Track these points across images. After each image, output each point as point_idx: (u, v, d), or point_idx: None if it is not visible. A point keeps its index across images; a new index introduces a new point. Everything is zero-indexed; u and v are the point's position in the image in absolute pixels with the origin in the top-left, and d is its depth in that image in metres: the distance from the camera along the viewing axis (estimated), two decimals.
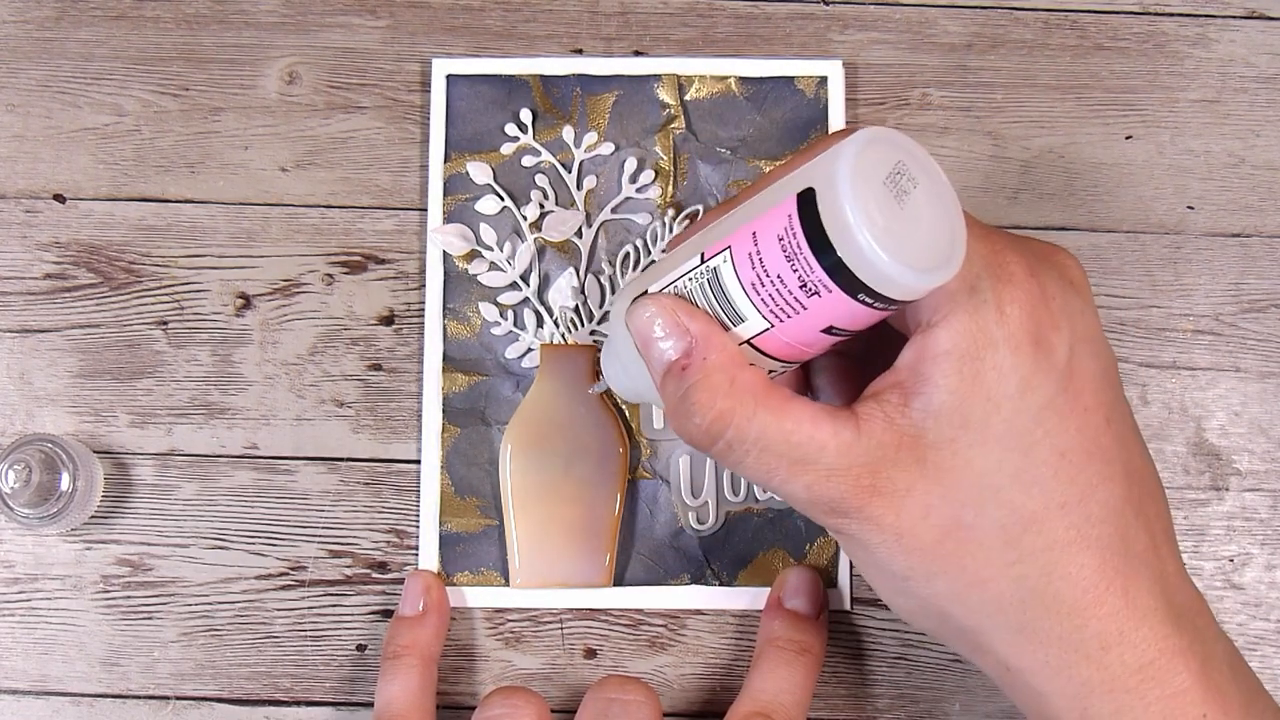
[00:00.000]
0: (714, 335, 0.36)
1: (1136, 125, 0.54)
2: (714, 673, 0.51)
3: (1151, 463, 0.38)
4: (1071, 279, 0.37)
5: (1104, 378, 0.37)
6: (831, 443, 0.35)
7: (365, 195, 0.53)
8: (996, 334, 0.34)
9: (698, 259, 0.36)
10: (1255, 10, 0.54)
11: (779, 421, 0.35)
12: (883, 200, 0.33)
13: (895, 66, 0.54)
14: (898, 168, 0.33)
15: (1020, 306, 0.35)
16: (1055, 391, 0.35)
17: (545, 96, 0.53)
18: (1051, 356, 0.35)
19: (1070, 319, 0.36)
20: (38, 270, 0.52)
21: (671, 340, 0.36)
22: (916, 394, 0.35)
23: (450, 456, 0.51)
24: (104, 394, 0.51)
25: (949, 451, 0.35)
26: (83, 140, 0.53)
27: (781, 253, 0.34)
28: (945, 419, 0.35)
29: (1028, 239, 0.38)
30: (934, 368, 0.35)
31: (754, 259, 0.34)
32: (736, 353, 0.36)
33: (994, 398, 0.35)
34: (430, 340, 0.51)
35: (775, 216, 0.34)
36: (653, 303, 0.37)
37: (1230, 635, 0.51)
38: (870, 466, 0.35)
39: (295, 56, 0.53)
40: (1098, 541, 0.35)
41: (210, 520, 0.51)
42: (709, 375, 0.36)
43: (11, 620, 0.50)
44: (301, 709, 0.50)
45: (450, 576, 0.50)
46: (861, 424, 0.35)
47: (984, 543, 0.35)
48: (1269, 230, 0.53)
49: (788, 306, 0.34)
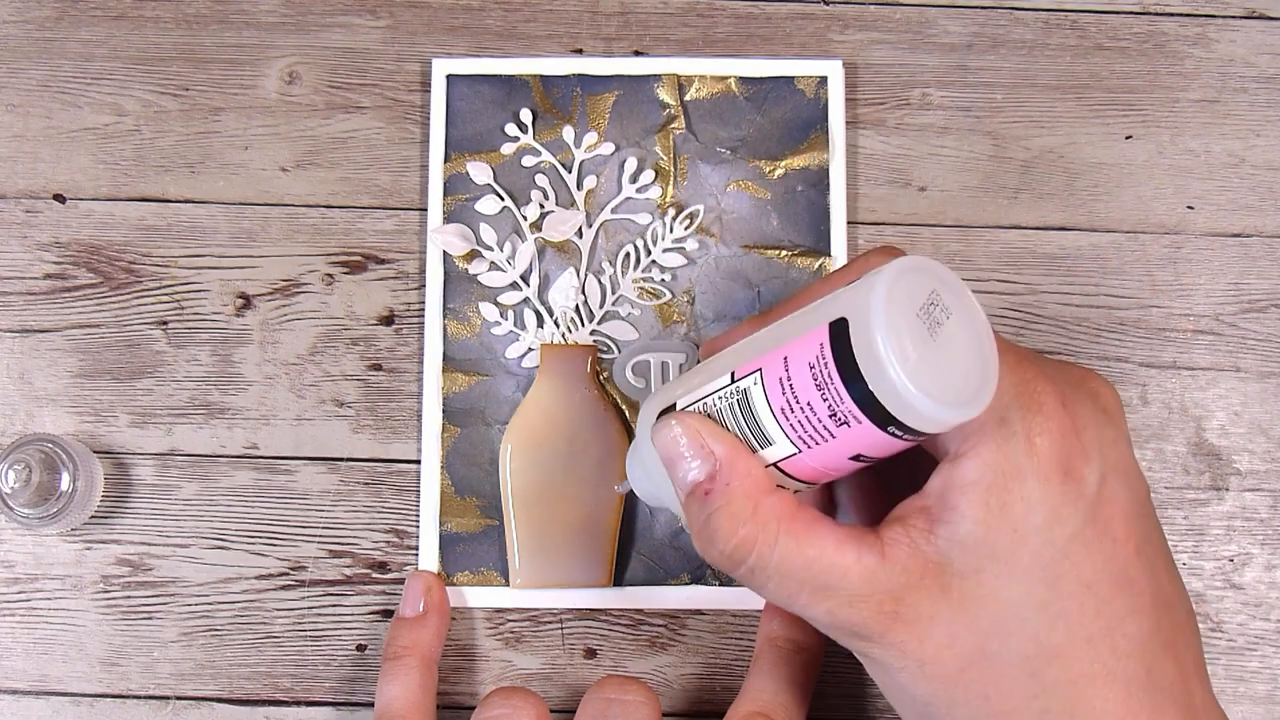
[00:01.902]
0: (739, 460, 0.36)
1: (1136, 125, 0.54)
2: (714, 673, 0.50)
3: (1183, 590, 0.38)
4: (1105, 406, 0.37)
5: (1136, 508, 0.36)
6: (855, 569, 0.35)
7: (365, 195, 0.53)
8: (1025, 466, 0.34)
9: (728, 378, 0.36)
10: (1255, 10, 0.54)
11: (801, 549, 0.35)
12: (916, 332, 0.32)
13: (895, 66, 0.54)
14: (931, 298, 0.33)
15: (1050, 438, 0.34)
16: (1084, 523, 0.35)
17: (545, 96, 0.53)
18: (1081, 488, 0.35)
19: (1102, 450, 0.35)
20: (38, 270, 0.52)
21: (696, 462, 0.36)
22: (943, 522, 0.35)
23: (450, 456, 0.51)
24: (104, 394, 0.51)
25: (974, 582, 0.35)
26: (83, 140, 0.53)
27: (812, 381, 0.33)
28: (971, 549, 0.35)
29: (1062, 364, 0.38)
30: (961, 498, 0.35)
31: (785, 384, 0.34)
32: (761, 477, 0.36)
33: (1021, 530, 0.34)
34: (430, 340, 0.51)
35: (808, 343, 0.34)
36: (679, 422, 0.37)
37: (1230, 635, 0.51)
38: (894, 593, 0.35)
39: (295, 56, 0.53)
40: (1123, 676, 0.35)
41: (210, 520, 0.51)
42: (731, 501, 0.35)
43: (11, 620, 0.50)
44: (301, 709, 0.50)
45: (450, 576, 0.50)
46: (887, 550, 0.35)
47: (1007, 674, 0.35)
48: (1269, 230, 0.53)
49: (816, 434, 0.34)
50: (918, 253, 0.52)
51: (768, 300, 0.52)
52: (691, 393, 0.38)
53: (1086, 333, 0.52)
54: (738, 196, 0.52)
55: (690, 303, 0.52)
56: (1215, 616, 0.51)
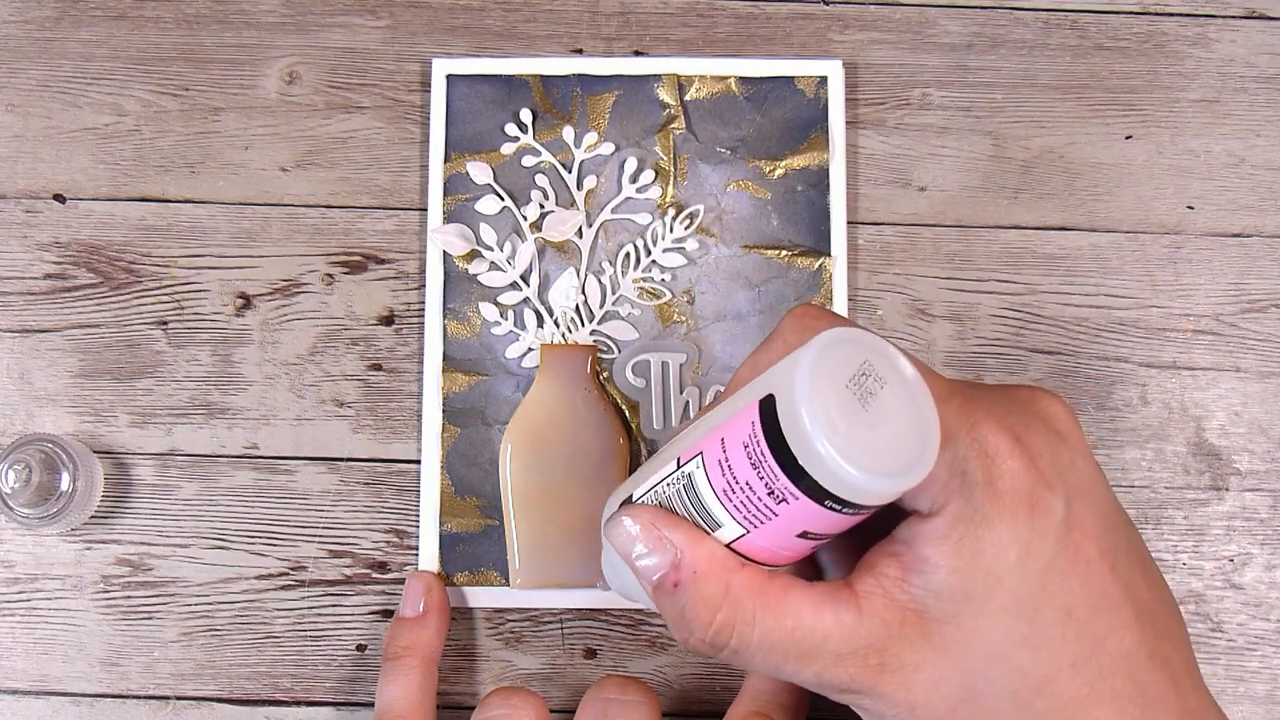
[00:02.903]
0: (699, 545, 0.35)
1: (1136, 125, 0.54)
2: (714, 673, 0.50)
3: (1165, 594, 0.38)
4: (1058, 429, 0.37)
5: (1103, 524, 0.36)
6: (835, 630, 0.35)
7: (365, 195, 0.53)
8: (990, 512, 0.34)
9: (674, 464, 0.36)
10: (1255, 10, 0.54)
11: (780, 621, 0.35)
12: (844, 404, 0.32)
13: (895, 66, 0.54)
14: (863, 368, 0.33)
15: (1010, 478, 0.34)
16: (1055, 551, 0.35)
17: (545, 96, 0.53)
18: (1049, 517, 0.35)
19: (1061, 474, 0.35)
20: (38, 270, 0.52)
21: (655, 556, 0.36)
22: (916, 571, 0.35)
23: (450, 456, 0.51)
24: (104, 394, 0.51)
25: (953, 625, 0.35)
26: (83, 140, 0.53)
27: (748, 460, 0.33)
28: (948, 596, 0.35)
29: (1007, 390, 0.37)
30: (932, 550, 0.35)
31: (723, 466, 0.34)
32: (725, 556, 0.36)
33: (995, 571, 0.34)
34: (430, 340, 0.51)
35: (740, 423, 0.33)
36: (631, 516, 0.36)
37: (1230, 635, 0.51)
38: (876, 647, 0.35)
39: (295, 56, 0.53)
40: (1111, 693, 0.35)
41: (210, 520, 0.51)
42: (701, 589, 0.35)
43: (11, 620, 0.50)
44: (301, 709, 0.50)
45: (450, 576, 0.50)
46: (863, 603, 0.35)
47: (997, 709, 0.35)
48: (1269, 230, 0.53)
49: (759, 514, 0.34)
50: (915, 257, 0.52)
51: (768, 300, 0.52)
52: (644, 484, 0.37)
53: (1086, 333, 0.52)
54: (738, 196, 0.52)
55: (690, 303, 0.52)
56: (1215, 616, 0.51)
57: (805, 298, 0.52)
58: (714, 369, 0.51)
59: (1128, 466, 0.52)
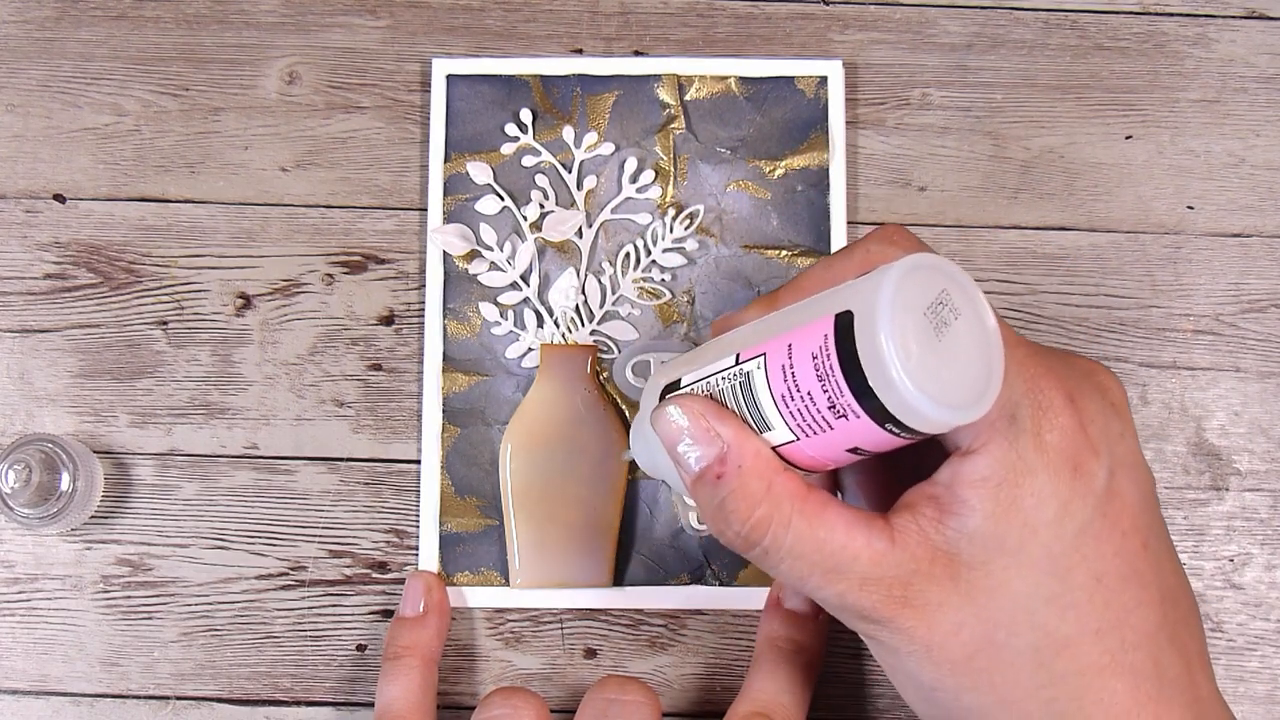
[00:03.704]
0: (747, 441, 0.35)
1: (1136, 125, 0.54)
2: (714, 673, 0.50)
3: (1187, 584, 0.38)
4: (1112, 401, 0.37)
5: (1143, 502, 0.36)
6: (865, 553, 0.35)
7: (365, 195, 0.53)
8: (1035, 462, 0.34)
9: (732, 359, 0.36)
10: (1255, 10, 0.54)
11: (813, 530, 0.35)
12: (921, 332, 0.32)
13: (895, 66, 0.54)
14: (941, 297, 0.33)
15: (1059, 434, 0.34)
16: (1093, 516, 0.35)
17: (545, 96, 0.53)
18: (1090, 482, 0.35)
19: (1109, 444, 0.36)
20: (38, 270, 0.52)
21: (701, 447, 0.36)
22: (953, 514, 0.35)
23: (450, 456, 0.51)
24: (104, 394, 0.51)
25: (983, 573, 0.35)
26: (83, 140, 0.53)
27: (814, 371, 0.33)
28: (981, 542, 0.35)
29: (1069, 356, 0.38)
30: (971, 492, 0.35)
31: (787, 372, 0.34)
32: (771, 457, 0.36)
33: (1031, 523, 0.34)
34: (430, 340, 0.51)
35: (812, 333, 0.33)
36: (682, 406, 0.36)
37: (1230, 635, 0.51)
38: (903, 579, 0.35)
39: (295, 56, 0.53)
40: (1131, 668, 0.35)
41: (210, 520, 0.51)
42: (745, 483, 0.35)
43: (11, 620, 0.50)
44: (301, 709, 0.50)
45: (450, 576, 0.50)
46: (896, 536, 0.35)
47: (1015, 664, 0.35)
48: (1269, 230, 0.53)
49: (815, 424, 0.34)
50: None
51: None
52: (695, 371, 0.37)
53: (1086, 333, 0.52)
54: (738, 196, 0.52)
55: (690, 303, 0.52)
56: (1215, 616, 0.51)
57: None
58: None
59: None
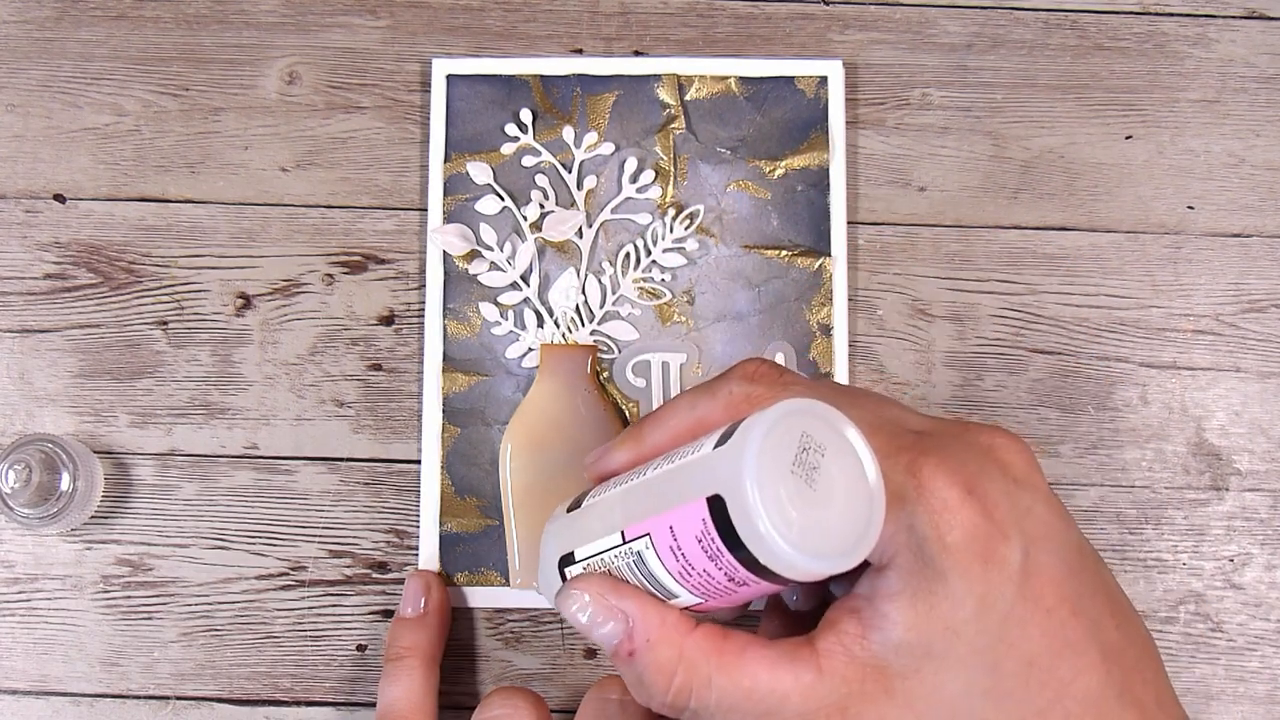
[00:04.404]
0: (650, 612, 0.36)
1: (1136, 125, 0.54)
2: None
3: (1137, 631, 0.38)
4: (1015, 475, 0.36)
5: (1065, 569, 0.36)
6: (794, 690, 0.35)
7: (365, 195, 0.53)
8: (943, 565, 0.34)
9: (618, 536, 0.36)
10: (1255, 10, 0.54)
11: (736, 682, 0.35)
12: (793, 492, 0.32)
13: (895, 66, 0.54)
14: (803, 442, 0.33)
15: (960, 530, 0.34)
16: (1013, 601, 0.35)
17: (545, 96, 0.53)
18: (1003, 569, 0.34)
19: (1019, 521, 0.35)
20: (38, 270, 0.52)
21: (609, 626, 0.36)
22: (875, 628, 0.35)
23: (450, 456, 0.51)
24: (104, 394, 0.51)
25: (915, 680, 0.35)
26: (83, 140, 0.53)
27: (703, 552, 0.34)
28: (907, 651, 0.34)
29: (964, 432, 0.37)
30: (889, 605, 0.34)
31: (676, 553, 0.34)
32: (678, 619, 0.36)
33: (952, 625, 0.34)
34: (430, 340, 0.51)
35: (689, 516, 0.34)
36: (583, 589, 0.36)
37: (1230, 635, 0.51)
38: (839, 705, 0.35)
39: (295, 56, 0.53)
40: None
41: (210, 520, 0.51)
42: (656, 655, 0.35)
43: (11, 620, 0.50)
44: (301, 709, 0.50)
45: (450, 576, 0.50)
46: (823, 662, 0.35)
47: None
48: (1269, 230, 0.53)
49: (718, 592, 0.35)
50: (915, 257, 0.52)
51: (768, 300, 0.52)
52: (586, 546, 0.38)
53: (1086, 333, 0.52)
54: (738, 196, 0.52)
55: (690, 303, 0.52)
56: (1215, 616, 0.51)
57: (805, 298, 0.52)
58: (714, 369, 0.51)
59: (1128, 466, 0.52)
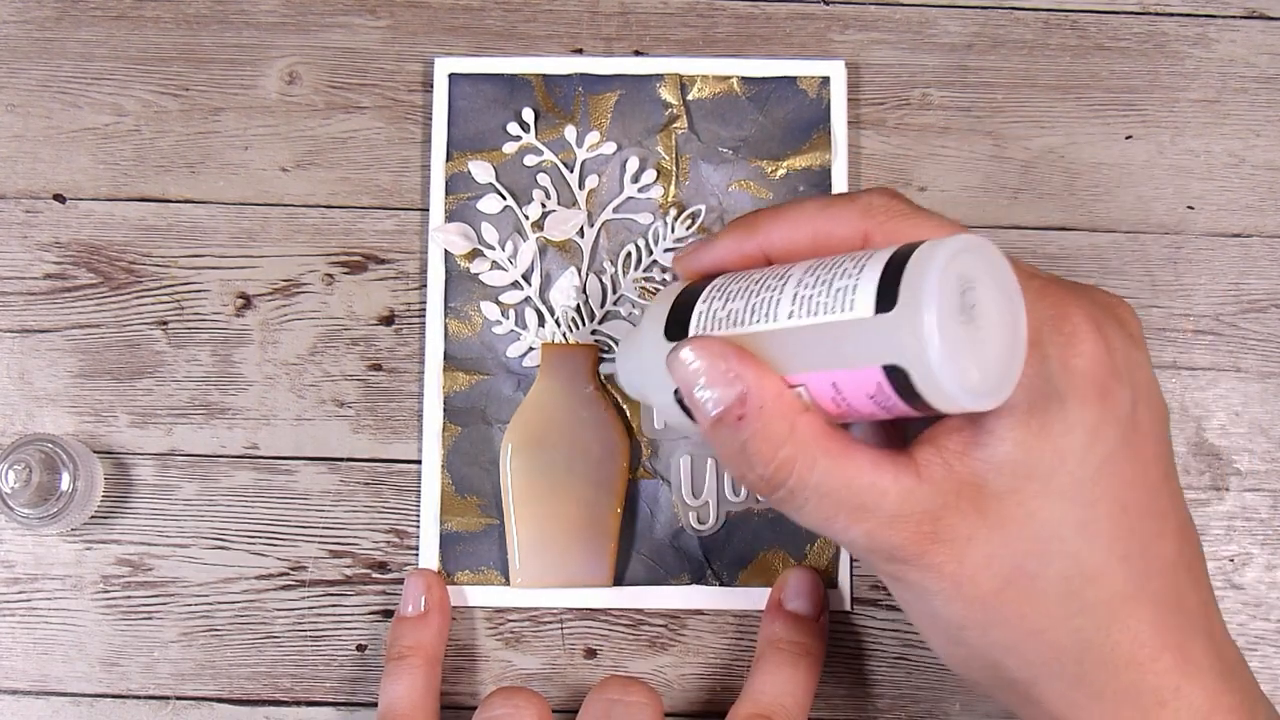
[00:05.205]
0: (769, 382, 0.35)
1: (1136, 125, 0.54)
2: (714, 673, 0.50)
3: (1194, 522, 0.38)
4: (1131, 332, 0.37)
5: (1161, 432, 0.36)
6: (893, 489, 0.35)
7: (365, 195, 0.53)
8: (1063, 387, 0.34)
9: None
10: (1255, 10, 0.54)
11: (840, 468, 0.35)
12: (965, 342, 0.32)
13: (895, 66, 0.54)
14: (962, 283, 0.33)
15: (1085, 360, 0.34)
16: (1119, 444, 0.35)
17: (547, 96, 0.53)
18: (1116, 409, 0.35)
19: (1132, 372, 0.35)
20: (38, 270, 0.52)
21: (720, 389, 0.35)
22: (979, 445, 0.34)
23: (451, 456, 0.51)
24: (104, 394, 0.51)
25: (1013, 502, 0.34)
26: (83, 140, 0.53)
27: (872, 402, 0.34)
28: (1009, 470, 0.34)
29: (1089, 289, 0.37)
30: (998, 421, 0.34)
31: (838, 401, 0.34)
32: (792, 399, 0.35)
33: (1060, 450, 0.34)
34: (431, 339, 0.51)
35: (862, 380, 0.33)
36: (698, 349, 0.35)
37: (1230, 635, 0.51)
38: (932, 514, 0.35)
39: (295, 56, 0.53)
40: (1154, 597, 0.35)
41: (210, 520, 0.51)
42: (768, 424, 0.35)
43: (11, 620, 0.50)
44: (302, 709, 0.50)
45: (451, 576, 0.50)
46: (922, 470, 0.35)
47: (1046, 593, 0.35)
48: (1269, 230, 0.53)
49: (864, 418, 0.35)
50: None
51: None
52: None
53: None
54: (739, 196, 0.52)
55: None
56: None
57: None
58: None
59: None
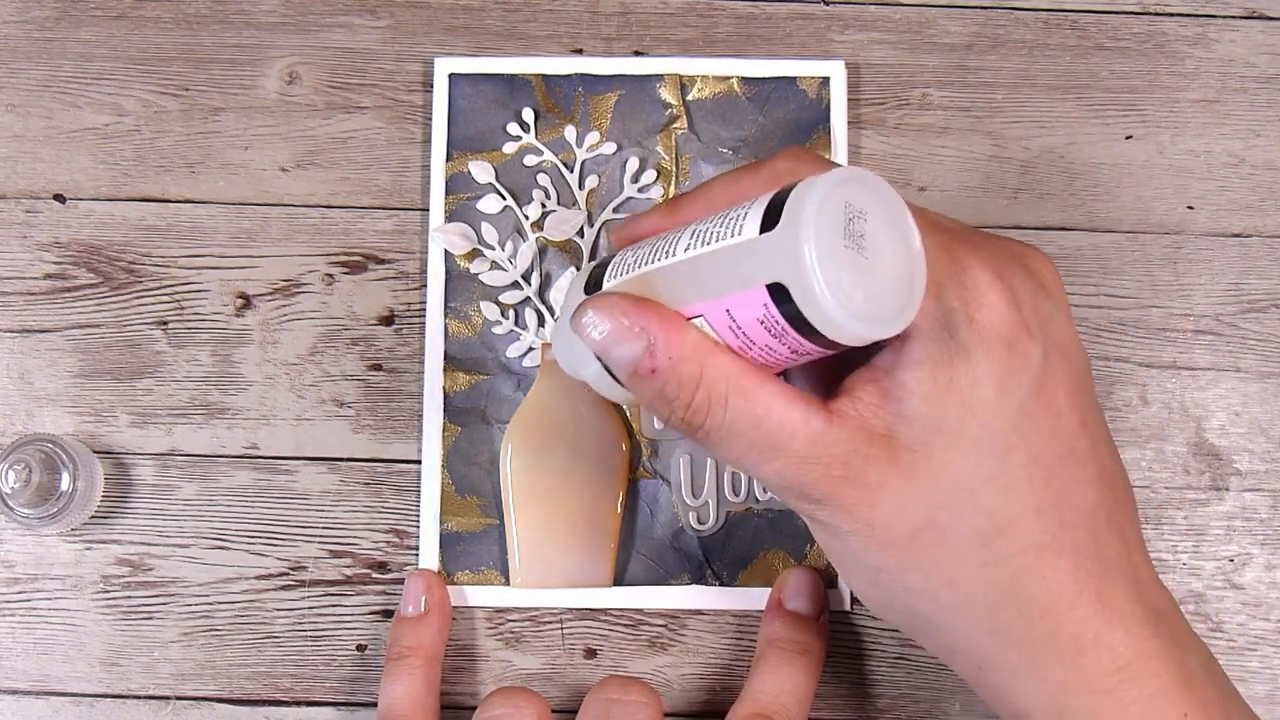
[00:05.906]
0: (673, 330, 0.35)
1: (1136, 125, 0.54)
2: (714, 673, 0.50)
3: (1123, 467, 0.38)
4: (1043, 283, 0.37)
5: (1078, 381, 0.36)
6: (802, 430, 0.35)
7: (365, 195, 0.53)
8: (969, 341, 0.34)
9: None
10: (1255, 10, 0.54)
11: (750, 407, 0.35)
12: (848, 264, 0.32)
13: (895, 66, 0.54)
14: (848, 211, 0.33)
15: (990, 311, 0.34)
16: (1029, 395, 0.35)
17: (547, 96, 0.53)
18: (1025, 360, 0.35)
19: (1042, 323, 0.35)
20: (38, 270, 0.52)
21: (628, 343, 0.36)
22: (891, 398, 0.35)
23: (451, 456, 0.51)
24: (104, 394, 0.51)
25: (923, 454, 0.35)
26: (83, 140, 0.53)
27: (766, 331, 0.34)
28: (920, 424, 0.35)
29: (1000, 239, 0.37)
30: (909, 375, 0.35)
31: (736, 331, 0.35)
32: (699, 340, 0.36)
33: (968, 403, 0.34)
34: (431, 339, 0.51)
35: (750, 302, 0.34)
36: (599, 309, 0.36)
37: (1230, 635, 0.51)
38: (841, 458, 0.35)
39: (295, 56, 0.53)
40: (1071, 546, 0.35)
41: (210, 520, 0.51)
42: (678, 370, 0.35)
43: (11, 620, 0.50)
44: (302, 709, 0.50)
45: (451, 575, 0.50)
46: (834, 416, 0.35)
47: (958, 544, 0.35)
48: (1269, 230, 0.53)
49: (777, 361, 0.35)
50: None
51: None
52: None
53: (1086, 333, 0.52)
54: None
55: None
56: (1215, 616, 0.51)
57: None
58: None
59: (1128, 466, 0.52)
